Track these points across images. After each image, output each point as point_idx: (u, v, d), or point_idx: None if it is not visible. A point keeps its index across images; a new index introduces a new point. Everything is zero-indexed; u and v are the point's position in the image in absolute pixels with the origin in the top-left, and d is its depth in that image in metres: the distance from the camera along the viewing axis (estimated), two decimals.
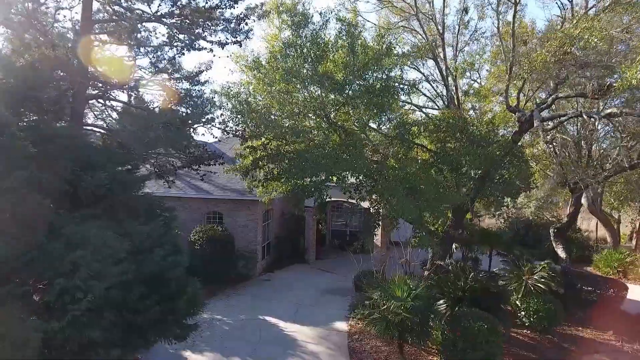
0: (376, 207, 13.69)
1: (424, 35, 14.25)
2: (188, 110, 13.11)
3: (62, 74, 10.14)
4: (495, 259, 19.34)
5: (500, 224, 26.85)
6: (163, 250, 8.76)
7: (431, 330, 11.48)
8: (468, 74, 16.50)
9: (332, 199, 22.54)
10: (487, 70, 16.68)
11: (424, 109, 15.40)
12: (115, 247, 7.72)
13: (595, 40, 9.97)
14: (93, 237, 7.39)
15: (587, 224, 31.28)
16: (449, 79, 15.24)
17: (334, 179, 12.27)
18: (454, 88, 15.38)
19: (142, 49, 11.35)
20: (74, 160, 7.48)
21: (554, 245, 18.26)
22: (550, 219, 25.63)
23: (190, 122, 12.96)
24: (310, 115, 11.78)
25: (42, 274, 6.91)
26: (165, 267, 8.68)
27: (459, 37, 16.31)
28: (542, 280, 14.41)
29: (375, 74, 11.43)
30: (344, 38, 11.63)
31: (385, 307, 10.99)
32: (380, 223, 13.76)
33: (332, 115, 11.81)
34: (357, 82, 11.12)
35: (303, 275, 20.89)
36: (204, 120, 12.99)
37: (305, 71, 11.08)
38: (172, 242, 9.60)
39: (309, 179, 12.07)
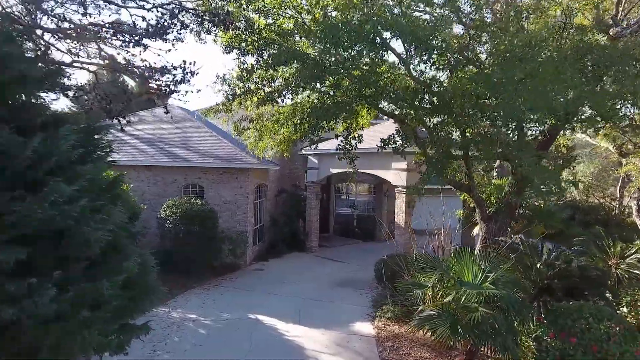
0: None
1: None
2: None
3: None
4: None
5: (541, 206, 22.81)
6: (70, 185, 4.64)
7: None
8: None
9: (339, 171, 18.55)
10: None
11: None
12: None
13: None
14: None
15: None
16: None
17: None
18: None
19: None
20: None
21: (638, 221, 14.36)
22: (601, 200, 21.56)
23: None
24: None
25: None
26: (72, 215, 4.56)
27: None
28: None
29: None
30: None
31: (451, 297, 6.95)
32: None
33: None
34: None
35: (305, 265, 16.78)
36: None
37: None
38: (97, 181, 5.48)
39: (333, 90, 7.73)
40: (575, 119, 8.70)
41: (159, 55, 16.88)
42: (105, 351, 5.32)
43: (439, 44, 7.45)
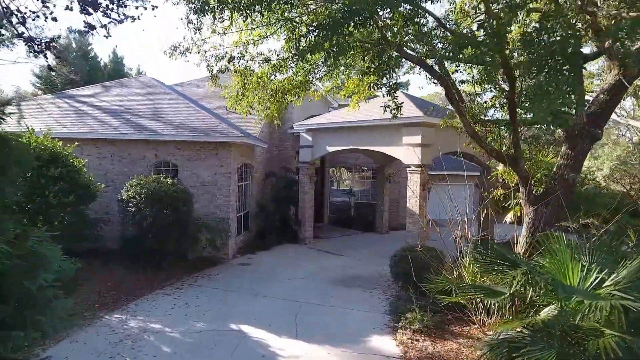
0: None
1: None
2: None
3: None
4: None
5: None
6: None
7: None
8: None
9: (337, 149, 15.95)
10: None
11: None
12: None
13: None
14: None
15: None
16: None
17: None
18: None
19: None
20: None
21: None
22: (627, 187, 19.20)
23: None
24: None
25: None
26: None
27: None
28: None
29: None
30: None
31: (554, 311, 4.42)
32: None
33: None
34: None
35: (299, 259, 14.16)
36: None
37: None
38: None
39: None
40: None
41: None
42: None
43: None
